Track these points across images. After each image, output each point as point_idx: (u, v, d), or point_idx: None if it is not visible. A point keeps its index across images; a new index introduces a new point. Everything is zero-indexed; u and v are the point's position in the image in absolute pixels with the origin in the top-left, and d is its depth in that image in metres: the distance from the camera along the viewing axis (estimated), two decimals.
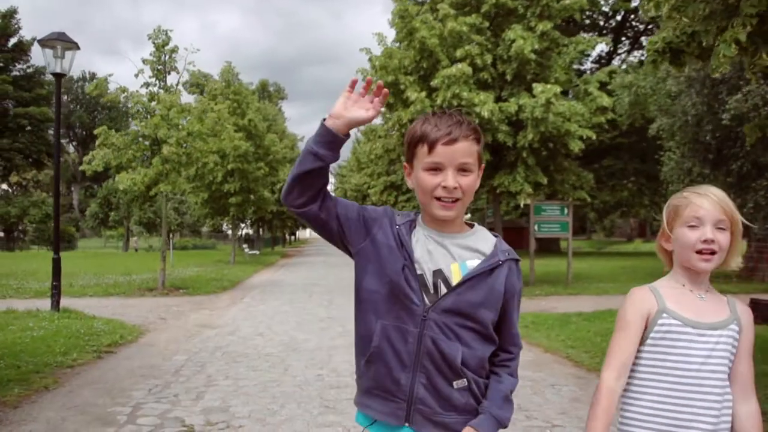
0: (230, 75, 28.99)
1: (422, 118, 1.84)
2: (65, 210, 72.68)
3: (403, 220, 1.88)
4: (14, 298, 13.94)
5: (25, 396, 6.00)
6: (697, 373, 1.82)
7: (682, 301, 1.90)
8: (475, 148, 1.81)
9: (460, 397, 1.79)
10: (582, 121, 14.97)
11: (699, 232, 1.87)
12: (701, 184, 2.01)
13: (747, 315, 1.93)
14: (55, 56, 10.63)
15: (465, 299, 1.78)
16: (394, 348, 1.79)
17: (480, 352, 1.83)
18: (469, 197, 1.81)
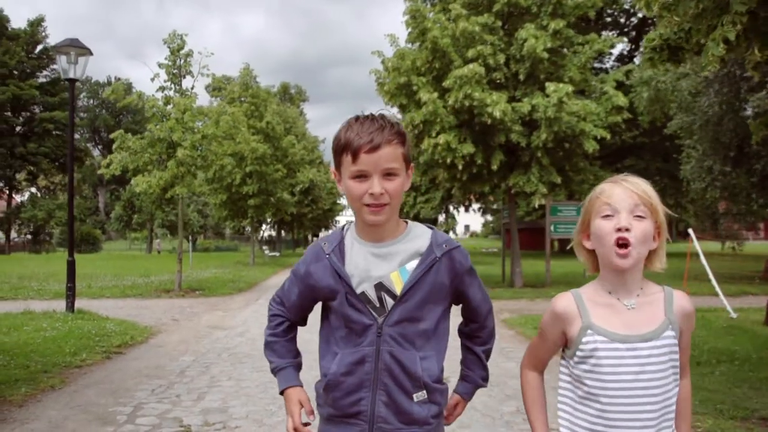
0: (248, 78, 29.19)
1: (346, 124, 1.83)
2: (91, 213, 73.83)
3: (332, 246, 1.88)
4: (34, 299, 14.18)
5: (31, 395, 6.11)
6: (629, 391, 1.69)
7: (609, 313, 1.75)
8: (399, 152, 1.79)
9: (420, 411, 1.81)
10: (597, 120, 14.84)
11: (613, 221, 1.71)
12: (625, 174, 1.85)
13: (685, 311, 1.78)
14: (68, 62, 10.81)
15: (411, 305, 1.81)
16: (352, 374, 1.81)
17: (434, 354, 1.86)
18: (397, 200, 1.81)
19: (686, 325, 1.79)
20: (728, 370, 6.74)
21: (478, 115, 14.50)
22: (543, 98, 14.28)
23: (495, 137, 15.01)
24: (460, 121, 15.20)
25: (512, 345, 8.84)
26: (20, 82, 48.99)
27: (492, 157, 15.07)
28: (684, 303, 1.79)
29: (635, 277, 1.77)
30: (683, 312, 1.78)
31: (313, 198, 50.52)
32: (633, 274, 1.76)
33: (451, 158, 15.06)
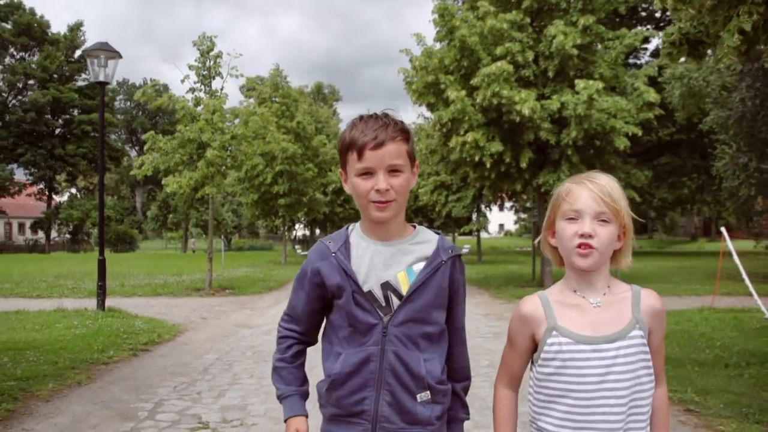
0: (278, 78, 29.42)
1: (351, 123, 1.85)
2: (129, 213, 75.24)
3: (338, 245, 1.87)
4: (69, 297, 14.50)
5: (57, 390, 6.25)
6: (594, 393, 1.65)
7: (574, 314, 1.72)
8: (404, 148, 1.81)
9: (424, 411, 1.81)
10: (628, 117, 14.59)
11: (577, 225, 1.69)
12: (591, 171, 1.81)
13: (654, 310, 1.73)
14: (98, 65, 11.04)
15: (417, 306, 1.81)
16: (357, 373, 1.81)
17: (437, 356, 1.86)
18: (403, 197, 1.81)
19: (656, 324, 1.74)
20: (758, 373, 6.56)
21: (506, 113, 14.37)
22: (572, 95, 14.09)
23: (524, 135, 14.87)
24: (489, 119, 15.08)
25: None
26: (60, 85, 50.22)
27: (521, 155, 14.93)
28: (652, 301, 1.75)
29: (600, 276, 1.75)
30: (652, 311, 1.73)
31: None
32: (597, 275, 1.74)
33: (479, 156, 14.96)
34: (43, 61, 50.03)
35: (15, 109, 50.67)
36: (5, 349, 7.81)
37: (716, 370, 6.67)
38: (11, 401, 5.77)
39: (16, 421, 5.32)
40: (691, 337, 8.56)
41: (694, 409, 5.41)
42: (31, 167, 51.65)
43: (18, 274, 20.94)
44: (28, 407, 5.71)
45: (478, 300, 14.58)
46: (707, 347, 7.84)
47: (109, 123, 51.14)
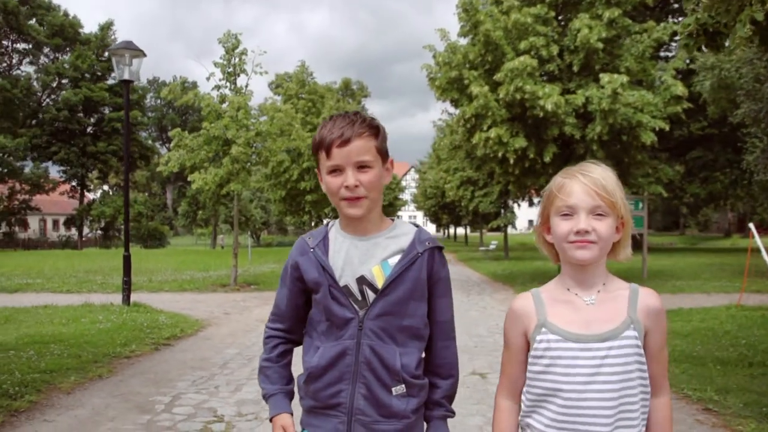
0: (305, 75, 29.53)
1: (322, 123, 1.88)
2: (159, 209, 76.26)
3: (316, 241, 1.91)
4: (97, 292, 14.76)
5: (79, 383, 6.37)
6: (583, 393, 1.59)
7: (566, 311, 1.67)
8: (372, 144, 1.82)
9: (399, 404, 1.82)
10: (655, 111, 14.36)
11: (572, 222, 1.63)
12: (585, 162, 1.74)
13: (652, 310, 1.66)
14: (123, 64, 11.21)
15: (393, 299, 1.82)
16: (333, 366, 1.83)
17: (415, 350, 1.87)
18: (375, 192, 1.83)
19: (654, 325, 1.66)
20: None
21: (530, 108, 14.25)
22: (597, 90, 13.92)
23: (548, 130, 14.73)
24: (513, 114, 14.97)
25: None
26: (91, 84, 51.06)
27: (545, 151, 14.80)
28: (651, 301, 1.68)
29: (597, 272, 1.69)
30: (649, 310, 1.66)
31: None
32: (594, 269, 1.69)
33: (502, 152, 14.88)
34: (74, 61, 50.93)
35: (49, 108, 51.69)
36: (32, 342, 7.99)
37: (739, 368, 6.54)
38: (34, 393, 5.90)
39: (38, 413, 5.44)
40: (715, 335, 8.40)
41: (713, 408, 5.31)
42: (64, 165, 52.66)
43: (49, 269, 21.39)
44: (50, 399, 5.83)
45: (502, 296, 14.49)
46: (731, 345, 7.69)
47: (138, 122, 51.96)
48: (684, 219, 71.78)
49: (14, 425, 5.12)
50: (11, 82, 47.80)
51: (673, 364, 6.82)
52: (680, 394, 5.81)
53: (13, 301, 12.83)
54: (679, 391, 5.88)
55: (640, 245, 16.54)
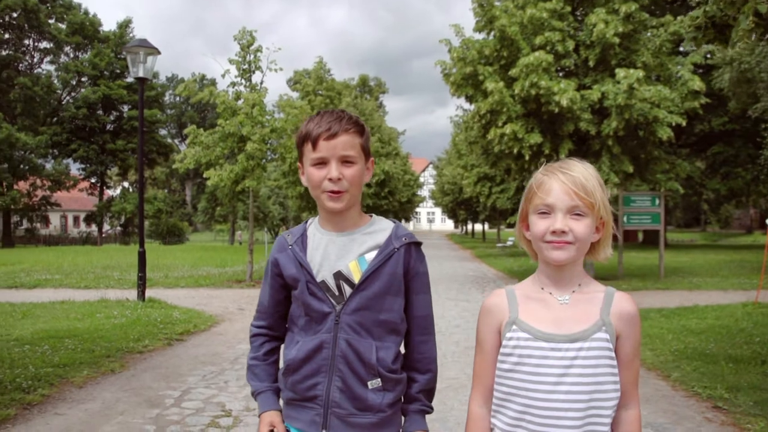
0: (322, 71, 29.57)
1: (308, 118, 1.91)
2: (179, 206, 76.84)
3: (294, 238, 1.95)
4: (114, 288, 14.91)
5: (91, 378, 6.46)
6: (550, 395, 1.56)
7: (538, 309, 1.64)
8: (357, 141, 1.86)
9: (375, 398, 1.84)
10: (672, 106, 14.19)
11: (549, 220, 1.60)
12: (567, 159, 1.69)
13: (625, 314, 1.62)
14: (138, 62, 11.30)
15: (369, 294, 1.84)
16: (310, 359, 1.86)
17: (392, 345, 1.89)
18: (356, 188, 1.86)
19: (627, 330, 1.62)
20: None
21: (545, 103, 14.16)
22: (613, 85, 13.79)
23: (563, 126, 14.63)
24: (528, 110, 14.89)
25: None
26: (110, 82, 51.56)
27: (560, 147, 14.70)
28: (625, 305, 1.64)
29: (573, 272, 1.67)
30: (622, 314, 1.62)
31: (390, 190, 50.78)
32: (570, 269, 1.66)
33: (518, 148, 14.80)
34: (93, 59, 51.43)
35: (68, 106, 52.27)
36: (47, 337, 8.10)
37: (751, 366, 6.46)
38: (47, 387, 5.99)
39: (50, 406, 5.53)
40: (729, 332, 8.31)
41: (722, 406, 5.26)
42: (83, 162, 53.25)
43: (68, 265, 21.64)
44: (62, 393, 5.92)
45: None
46: (745, 343, 7.60)
47: (157, 119, 52.41)
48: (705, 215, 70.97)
49: (27, 418, 5.20)
50: (32, 80, 48.42)
51: (685, 361, 6.76)
52: (690, 391, 5.76)
53: (32, 297, 13.01)
54: (689, 389, 5.84)
55: (657, 242, 16.39)
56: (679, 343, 7.69)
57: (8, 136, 42.44)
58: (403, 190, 54.56)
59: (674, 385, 6.05)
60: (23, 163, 45.84)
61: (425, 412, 1.94)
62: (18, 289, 15.03)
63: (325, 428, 1.84)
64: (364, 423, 1.84)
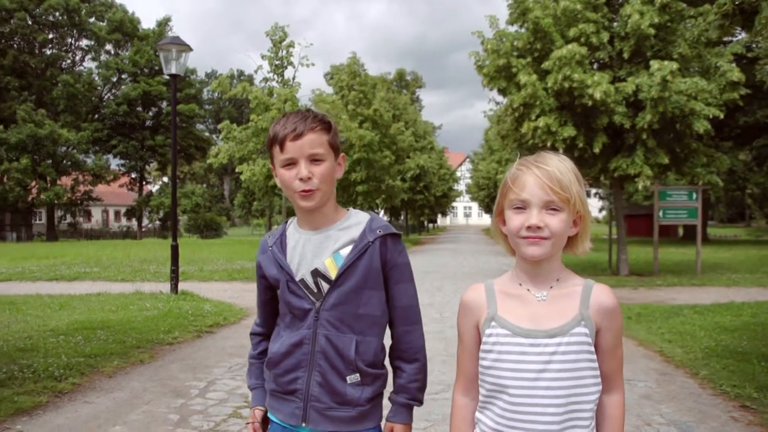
0: (356, 66, 29.60)
1: (275, 120, 1.95)
2: (217, 200, 77.97)
3: (274, 239, 2.00)
4: (150, 281, 15.22)
5: (121, 368, 6.61)
6: (530, 390, 1.56)
7: (516, 306, 1.64)
8: (324, 138, 1.89)
9: (353, 392, 1.88)
10: (710, 98, 13.85)
11: (524, 216, 1.59)
12: (543, 152, 1.67)
13: (604, 307, 1.62)
14: (170, 59, 11.49)
15: (346, 289, 1.87)
16: (291, 354, 1.91)
17: (374, 338, 1.92)
18: (327, 185, 1.89)
19: (607, 323, 1.62)
20: None
21: (578, 97, 13.96)
22: (648, 77, 13.51)
23: (597, 119, 14.40)
24: (561, 103, 14.69)
25: None
26: (149, 78, 52.48)
27: (594, 141, 14.47)
28: (603, 298, 1.62)
29: (551, 267, 1.65)
30: (601, 307, 1.61)
31: (425, 184, 50.69)
32: (548, 264, 1.65)
33: (551, 142, 14.62)
34: (133, 56, 52.40)
35: (109, 103, 53.37)
36: (81, 328, 8.31)
37: None
38: (78, 376, 6.16)
39: (80, 394, 5.68)
40: (765, 330, 8.10)
41: (751, 405, 5.14)
42: (123, 158, 54.36)
43: (107, 258, 22.13)
44: (92, 382, 6.08)
45: None
46: None
47: (194, 114, 53.23)
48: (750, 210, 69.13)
49: (57, 405, 5.35)
50: (74, 77, 49.56)
51: (715, 359, 6.62)
52: (718, 390, 5.64)
53: (70, 289, 13.36)
54: (717, 387, 5.72)
55: (695, 237, 16.06)
56: (710, 341, 7.52)
57: (51, 132, 43.59)
58: (439, 184, 54.55)
59: (702, 383, 5.93)
60: (66, 158, 47.02)
61: (411, 404, 1.95)
62: (58, 282, 15.46)
63: (305, 421, 1.89)
64: (342, 417, 1.88)
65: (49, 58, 50.77)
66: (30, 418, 4.99)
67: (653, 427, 4.71)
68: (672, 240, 36.27)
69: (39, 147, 43.97)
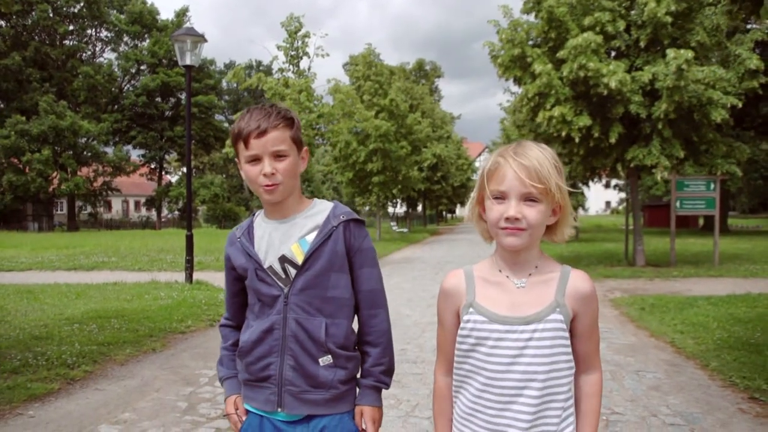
0: (372, 57, 29.52)
1: (240, 115, 1.99)
2: (236, 191, 78.34)
3: (242, 231, 2.05)
4: (167, 271, 15.38)
5: (133, 356, 6.71)
6: (506, 374, 1.61)
7: (495, 292, 1.67)
8: (287, 135, 1.93)
9: (326, 374, 1.92)
10: (728, 86, 13.65)
11: (503, 207, 1.60)
12: (523, 141, 1.67)
13: (580, 293, 1.65)
14: (185, 50, 11.55)
15: (314, 273, 1.92)
16: (262, 341, 1.94)
17: (344, 320, 1.96)
18: (290, 179, 1.94)
19: (583, 308, 1.66)
20: None
21: (593, 86, 13.82)
22: (665, 66, 13.34)
23: (613, 109, 14.25)
24: (577, 92, 14.56)
25: (612, 326, 8.44)
26: (168, 69, 52.81)
27: (610, 130, 14.33)
28: (580, 284, 1.66)
29: (530, 255, 1.68)
30: (577, 294, 1.65)
31: (442, 174, 50.55)
32: (527, 252, 1.68)
33: (566, 131, 14.50)
34: (152, 47, 52.76)
35: (128, 94, 53.84)
36: (96, 317, 8.43)
37: None
38: (91, 364, 6.26)
39: (92, 382, 5.78)
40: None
41: (759, 397, 5.09)
42: (143, 148, 54.82)
43: (125, 248, 22.40)
44: (104, 370, 6.17)
45: None
46: None
47: (213, 105, 53.57)
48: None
49: (69, 392, 5.45)
50: (95, 69, 50.02)
51: (726, 351, 6.56)
52: (727, 381, 5.60)
53: (88, 278, 13.55)
54: (726, 378, 5.67)
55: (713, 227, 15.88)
56: (723, 332, 7.45)
57: (72, 123, 44.09)
58: (457, 174, 54.33)
59: (712, 374, 5.89)
60: (86, 149, 47.53)
61: (378, 387, 1.99)
62: (77, 271, 15.68)
63: (280, 406, 1.92)
64: (317, 399, 1.91)
65: (70, 50, 51.25)
66: (42, 404, 5.09)
67: (659, 418, 4.69)
68: (692, 231, 35.88)
69: (60, 138, 44.50)
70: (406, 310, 9.68)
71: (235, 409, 2.03)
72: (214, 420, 4.74)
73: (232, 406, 2.04)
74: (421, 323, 8.62)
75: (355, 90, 19.84)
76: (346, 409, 1.95)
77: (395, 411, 4.84)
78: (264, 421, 1.95)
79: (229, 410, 2.04)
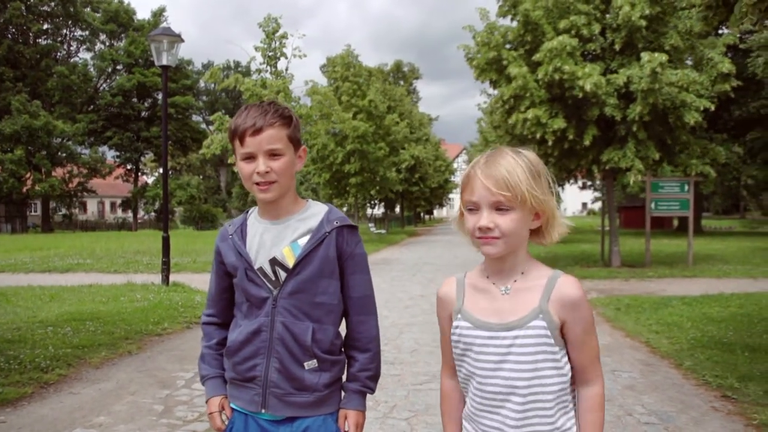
0: (350, 58, 29.49)
1: (238, 112, 1.97)
2: (213, 192, 77.82)
3: (234, 228, 2.04)
4: (143, 272, 15.24)
5: (108, 359, 6.64)
6: (492, 380, 1.63)
7: (481, 299, 1.69)
8: (283, 133, 1.91)
9: (311, 378, 1.92)
10: (701, 89, 13.86)
11: (476, 216, 1.61)
12: (497, 150, 1.66)
13: (567, 300, 1.62)
14: (161, 50, 11.45)
15: (303, 277, 1.91)
16: (250, 342, 1.94)
17: (330, 326, 1.96)
18: (285, 178, 1.93)
19: (571, 315, 1.62)
20: None
21: (569, 88, 13.95)
22: (639, 69, 13.51)
23: (588, 111, 14.40)
24: (552, 95, 14.69)
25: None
26: (144, 70, 52.30)
27: (585, 133, 14.48)
28: (567, 290, 1.63)
29: (515, 261, 1.68)
30: (563, 300, 1.62)
31: (420, 176, 50.62)
32: (512, 258, 1.67)
33: (540, 133, 14.62)
34: (128, 47, 52.23)
35: (104, 94, 53.22)
36: (70, 319, 8.32)
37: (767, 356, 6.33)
38: (65, 367, 6.17)
39: (66, 385, 5.71)
40: (751, 321, 8.15)
41: (732, 395, 5.18)
42: (119, 149, 54.22)
43: (101, 250, 22.14)
44: (79, 373, 6.10)
45: None
46: (765, 332, 7.44)
47: (190, 105, 53.12)
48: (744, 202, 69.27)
49: (43, 396, 5.38)
50: (69, 69, 49.37)
51: (700, 350, 6.67)
52: (700, 380, 5.69)
53: (63, 280, 13.37)
54: (699, 377, 5.76)
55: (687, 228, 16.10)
56: (696, 332, 7.57)
57: (46, 123, 43.47)
58: (434, 175, 54.46)
59: (685, 373, 5.98)
60: (61, 150, 46.90)
61: (364, 392, 2.00)
62: (51, 273, 15.47)
63: (264, 407, 1.93)
64: (301, 402, 1.92)
65: (44, 49, 50.49)
66: (14, 409, 5.02)
67: (634, 417, 4.76)
68: (667, 232, 36.35)
69: (34, 138, 43.83)
70: (383, 311, 9.68)
71: (221, 410, 2.02)
72: (191, 423, 4.71)
73: (217, 406, 2.02)
74: (399, 324, 8.64)
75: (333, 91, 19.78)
76: (329, 411, 1.96)
77: (373, 412, 4.84)
78: (249, 419, 1.96)
79: (213, 410, 2.02)
